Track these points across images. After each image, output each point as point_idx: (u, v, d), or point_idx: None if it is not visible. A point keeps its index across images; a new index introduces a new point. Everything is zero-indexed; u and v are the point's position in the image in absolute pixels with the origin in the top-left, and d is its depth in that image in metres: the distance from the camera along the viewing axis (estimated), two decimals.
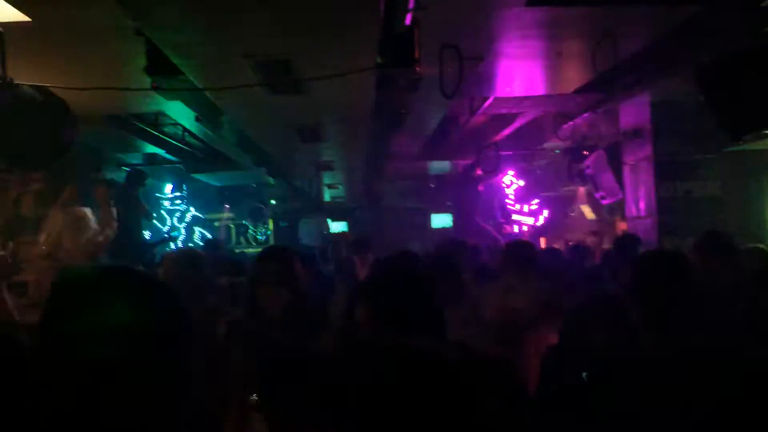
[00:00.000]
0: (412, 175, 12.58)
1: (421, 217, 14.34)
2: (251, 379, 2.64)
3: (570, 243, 8.62)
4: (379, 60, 4.30)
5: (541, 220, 10.90)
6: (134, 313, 1.10)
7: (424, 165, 11.38)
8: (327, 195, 14.23)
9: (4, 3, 3.52)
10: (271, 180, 11.02)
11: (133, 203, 7.68)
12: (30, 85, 3.81)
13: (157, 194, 11.32)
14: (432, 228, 14.03)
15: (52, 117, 3.85)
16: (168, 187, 11.47)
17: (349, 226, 15.12)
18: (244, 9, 3.46)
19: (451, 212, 14.20)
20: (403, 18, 4.02)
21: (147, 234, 9.61)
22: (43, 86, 3.84)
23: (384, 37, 4.18)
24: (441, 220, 14.29)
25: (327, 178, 11.67)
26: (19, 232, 6.71)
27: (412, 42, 4.28)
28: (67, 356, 1.05)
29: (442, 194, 13.69)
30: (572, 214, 10.73)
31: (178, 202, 11.73)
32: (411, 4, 3.62)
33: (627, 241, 5.54)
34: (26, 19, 3.74)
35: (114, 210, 5.93)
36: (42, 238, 5.44)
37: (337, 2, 3.52)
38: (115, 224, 5.82)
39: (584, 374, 2.27)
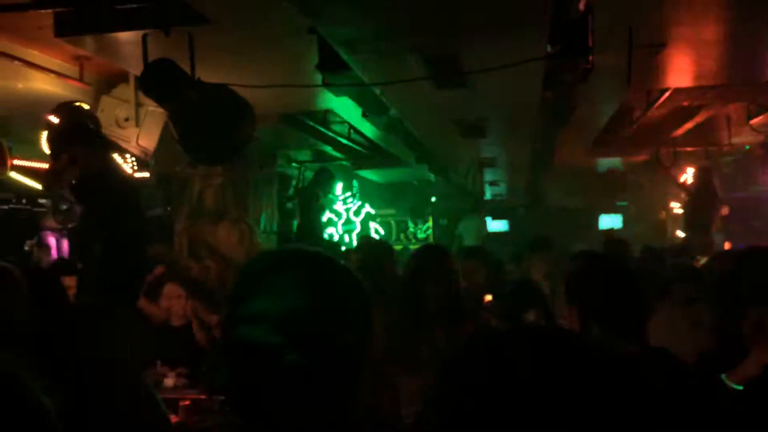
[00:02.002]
0: (579, 173, 12.05)
1: (587, 218, 13.66)
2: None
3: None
4: (549, 49, 4.11)
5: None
6: (319, 294, 1.10)
7: (593, 162, 10.85)
8: (488, 193, 14.04)
9: (191, 8, 3.79)
10: (431, 177, 11.06)
11: (314, 202, 8.14)
12: (214, 84, 4.08)
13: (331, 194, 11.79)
14: (600, 229, 13.34)
15: (234, 114, 4.09)
16: (338, 186, 11.90)
17: (510, 226, 14.80)
18: (414, 4, 3.46)
19: (621, 213, 13.41)
20: (577, 3, 3.81)
21: (330, 231, 10.15)
22: (226, 85, 4.09)
23: (555, 25, 3.99)
24: (610, 221, 13.53)
25: (488, 175, 11.50)
26: (201, 222, 7.27)
27: (586, 29, 4.05)
28: (247, 338, 1.06)
29: (611, 193, 12.97)
30: None
31: (350, 199, 12.12)
32: None
33: None
34: (209, 21, 3.99)
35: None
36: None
37: None
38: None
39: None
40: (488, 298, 4.16)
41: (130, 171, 5.40)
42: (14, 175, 5.66)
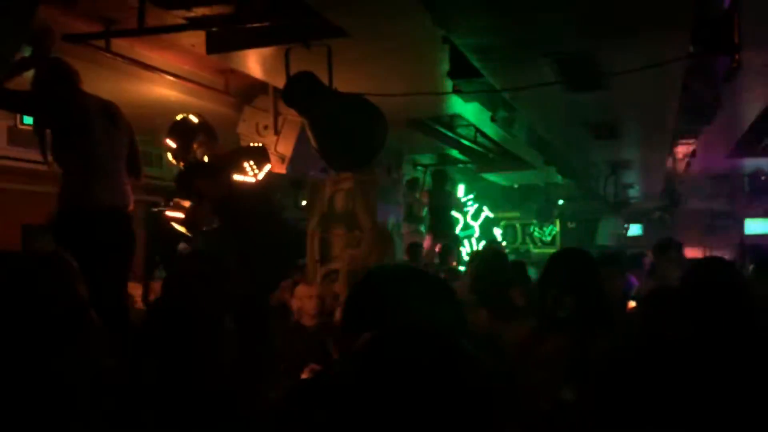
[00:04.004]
0: (721, 175, 11.31)
1: (730, 222, 12.77)
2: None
3: None
4: (692, 49, 3.93)
5: None
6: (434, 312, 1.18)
7: (738, 163, 10.15)
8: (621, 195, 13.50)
9: (330, 22, 3.98)
10: (559, 179, 10.81)
11: (441, 200, 8.51)
12: (351, 94, 4.25)
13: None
14: (745, 235, 12.42)
15: (369, 122, 4.24)
16: (461, 188, 11.94)
17: (644, 230, 14.13)
18: (547, 9, 3.43)
19: None
20: (721, 1, 3.63)
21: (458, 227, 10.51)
22: (362, 94, 4.24)
23: (697, 23, 3.82)
24: (758, 227, 12.57)
25: (621, 177, 11.06)
26: (331, 225, 7.57)
27: (731, 26, 3.85)
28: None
29: (759, 197, 12.04)
30: None
31: (470, 202, 12.13)
32: None
33: None
34: (347, 34, 4.16)
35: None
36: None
37: None
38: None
39: None
40: (632, 304, 4.04)
41: (252, 176, 5.28)
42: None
